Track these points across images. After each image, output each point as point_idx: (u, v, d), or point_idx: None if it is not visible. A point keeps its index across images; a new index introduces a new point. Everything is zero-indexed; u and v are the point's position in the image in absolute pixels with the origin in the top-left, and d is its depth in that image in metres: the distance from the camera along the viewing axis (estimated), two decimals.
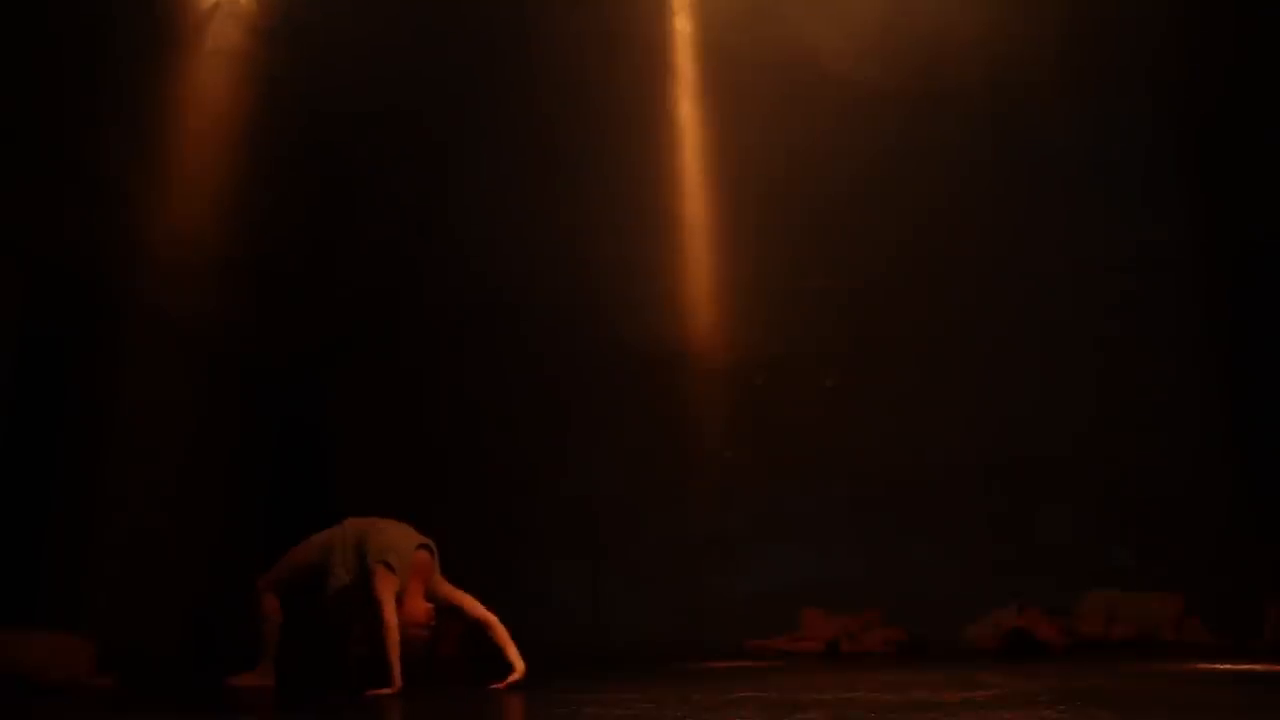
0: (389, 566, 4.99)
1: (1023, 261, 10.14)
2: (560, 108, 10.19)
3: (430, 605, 5.09)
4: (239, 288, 9.08)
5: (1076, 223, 10.21)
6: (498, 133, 10.39)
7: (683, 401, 10.55)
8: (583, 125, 10.16)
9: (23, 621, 6.32)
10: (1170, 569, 9.04)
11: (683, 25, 10.45)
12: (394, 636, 4.83)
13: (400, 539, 5.16)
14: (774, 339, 10.54)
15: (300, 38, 8.96)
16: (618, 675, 5.84)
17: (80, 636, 5.73)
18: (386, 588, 4.95)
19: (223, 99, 8.70)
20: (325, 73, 9.12)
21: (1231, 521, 9.23)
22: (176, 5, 8.66)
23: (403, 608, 4.99)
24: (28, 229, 7.22)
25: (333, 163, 10.33)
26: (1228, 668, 5.70)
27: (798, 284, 10.49)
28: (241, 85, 8.81)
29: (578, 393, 10.68)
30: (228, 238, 8.58)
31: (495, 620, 5.18)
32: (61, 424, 7.76)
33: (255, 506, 9.34)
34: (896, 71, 9.63)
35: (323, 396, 10.67)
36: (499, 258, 10.50)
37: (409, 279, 10.97)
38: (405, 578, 5.04)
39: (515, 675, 5.00)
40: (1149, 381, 9.89)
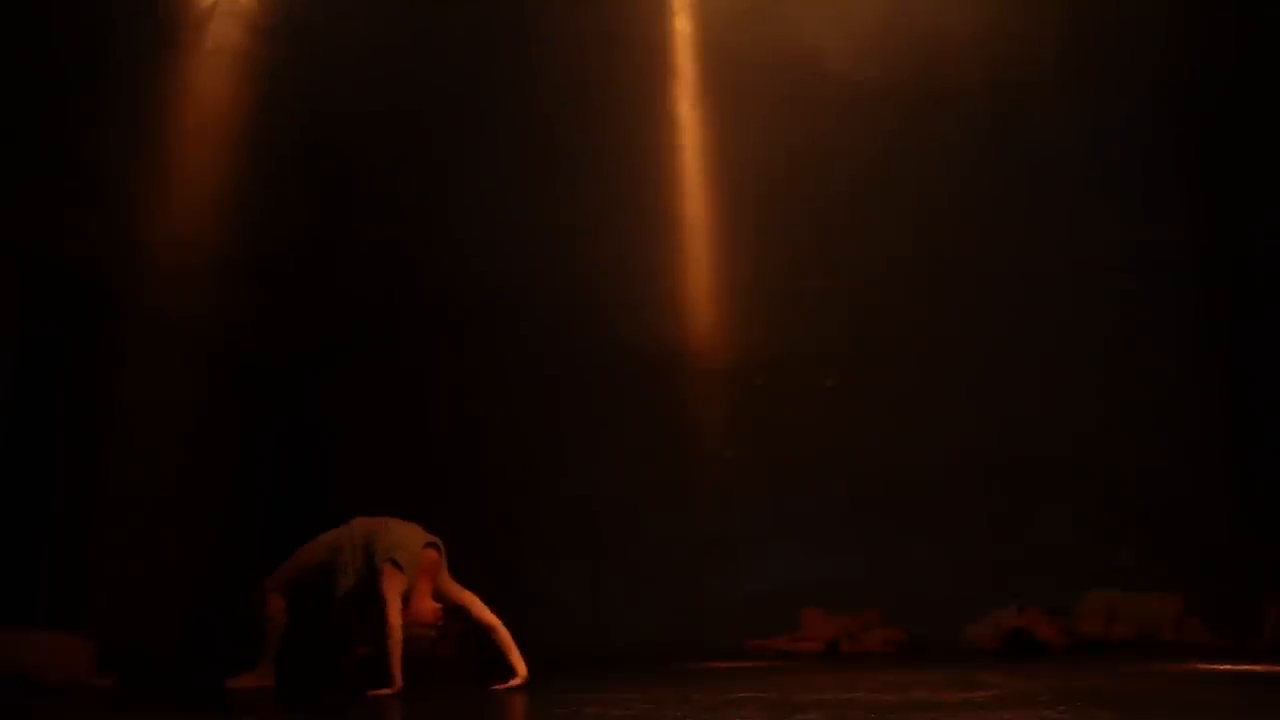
0: (397, 565, 4.99)
1: (1023, 261, 10.14)
2: (560, 108, 10.20)
3: (438, 605, 5.07)
4: (239, 288, 9.08)
5: (1076, 223, 10.21)
6: (497, 133, 10.39)
7: (683, 401, 10.55)
8: (583, 125, 10.16)
9: (23, 621, 6.32)
10: (1170, 569, 9.04)
11: (682, 25, 10.46)
12: (396, 637, 4.82)
13: (408, 537, 5.15)
14: (774, 339, 10.54)
15: (300, 38, 8.96)
16: (618, 675, 5.84)
17: (80, 637, 5.74)
18: (393, 587, 4.94)
19: (222, 99, 8.70)
20: (325, 73, 9.12)
21: (1231, 521, 9.23)
22: (176, 5, 8.65)
23: (410, 607, 4.97)
24: (28, 229, 7.21)
25: (333, 163, 10.33)
26: (1228, 668, 5.70)
27: (798, 284, 10.49)
28: (241, 85, 8.81)
29: (578, 393, 10.68)
30: (227, 238, 8.58)
31: (499, 624, 5.17)
32: (61, 424, 7.76)
33: (255, 506, 9.35)
34: (896, 71, 9.64)
35: (323, 396, 10.67)
36: (499, 258, 10.50)
37: (409, 279, 10.97)
38: (413, 576, 5.03)
39: (516, 680, 5.00)
40: (1149, 382, 9.89)
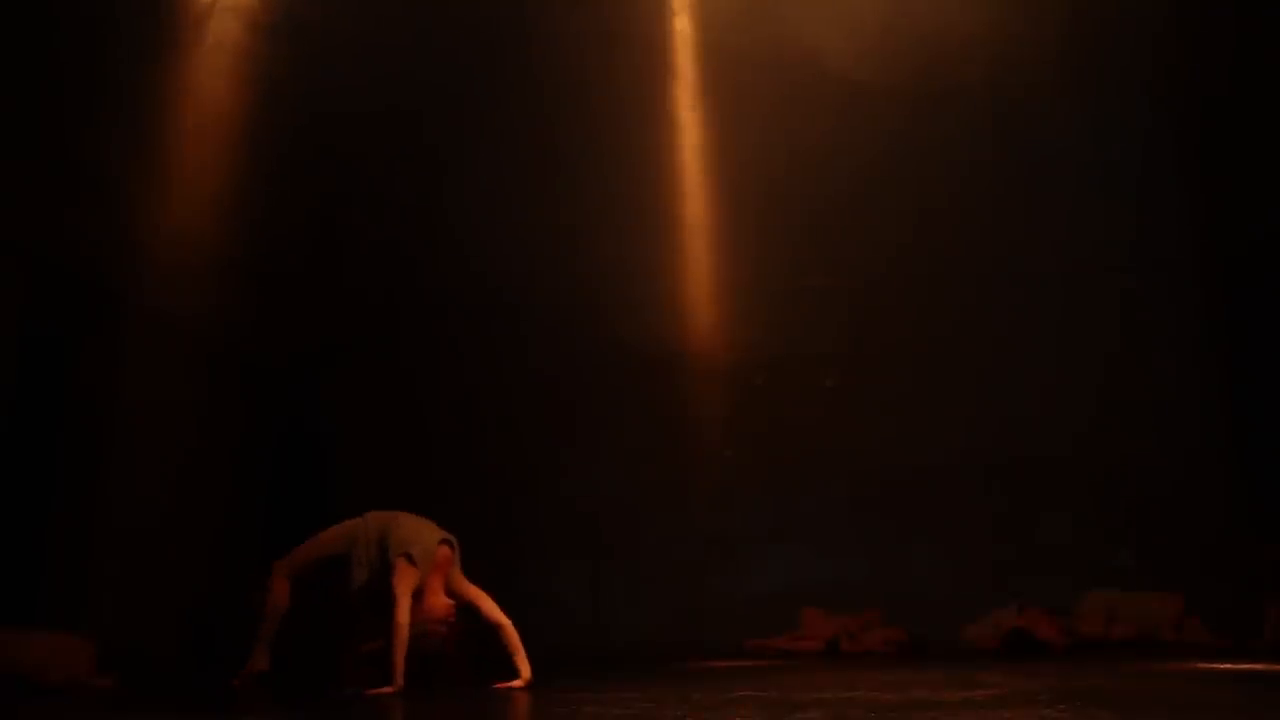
0: (410, 559, 4.98)
1: (1023, 261, 10.15)
2: (560, 108, 10.20)
3: (450, 601, 5.07)
4: (239, 288, 9.09)
5: (1076, 222, 10.20)
6: (497, 133, 10.39)
7: (683, 402, 10.55)
8: (583, 125, 10.15)
9: (23, 621, 6.32)
10: (1170, 569, 9.04)
11: (683, 25, 10.45)
12: (402, 636, 4.81)
13: (422, 532, 5.16)
14: (774, 339, 10.54)
15: (300, 38, 8.95)
16: (618, 675, 5.84)
17: (80, 636, 5.74)
18: (405, 583, 4.94)
19: (223, 99, 8.69)
20: (325, 73, 9.12)
21: (1231, 521, 9.23)
22: (176, 5, 8.65)
23: (423, 603, 4.97)
24: (28, 229, 7.21)
25: (333, 163, 10.33)
26: (1228, 667, 5.70)
27: (798, 284, 10.49)
28: (241, 85, 8.80)
29: (578, 393, 10.68)
30: (227, 238, 8.58)
31: (509, 624, 5.17)
32: (61, 424, 7.76)
33: (255, 506, 9.35)
34: (896, 71, 9.63)
35: (323, 396, 10.67)
36: (499, 258, 10.49)
37: (409, 279, 10.97)
38: (426, 572, 5.03)
39: (520, 682, 5.00)
40: (1149, 381, 9.89)
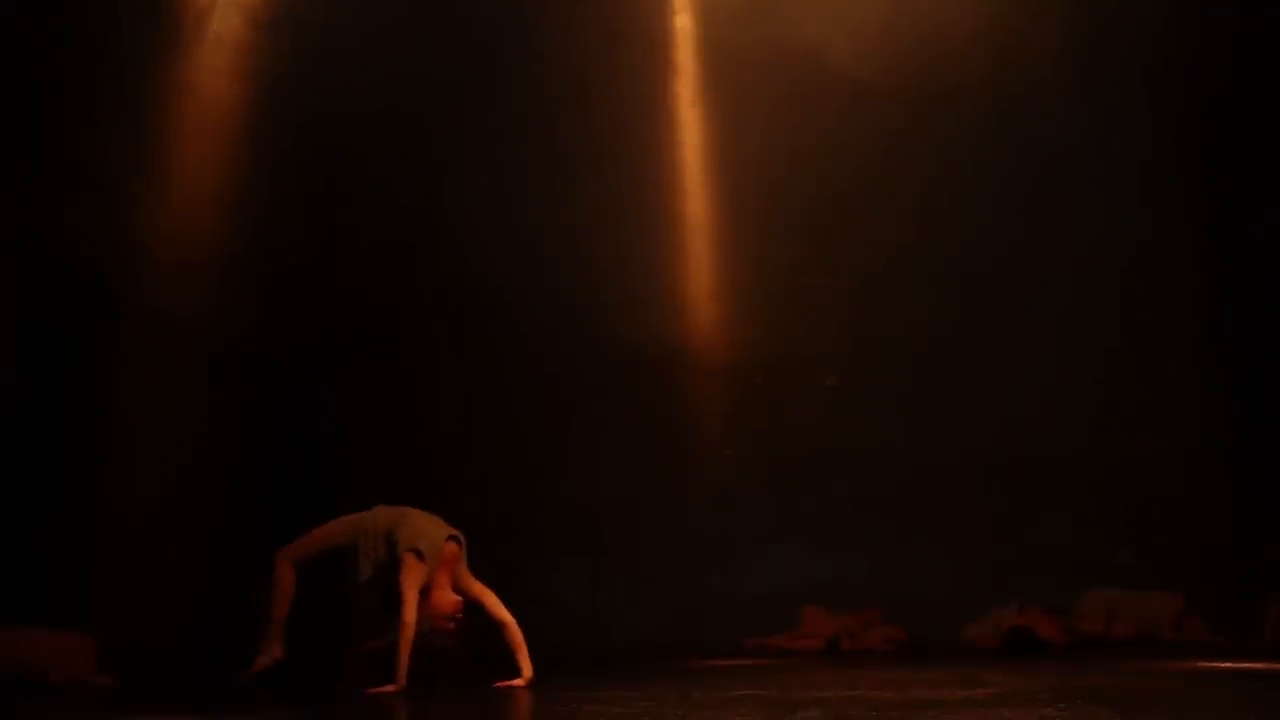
0: (419, 554, 4.96)
1: (1023, 261, 10.14)
2: (560, 106, 10.18)
3: (458, 598, 5.06)
4: (239, 287, 9.08)
5: (1076, 222, 10.20)
6: (497, 131, 10.37)
7: (683, 401, 10.56)
8: (583, 124, 10.14)
9: (23, 620, 6.31)
10: (1170, 568, 9.05)
11: (684, 23, 10.43)
12: (408, 635, 4.78)
13: (430, 528, 5.14)
14: (774, 339, 10.54)
15: (300, 37, 8.95)
16: (618, 674, 5.84)
17: (81, 635, 5.73)
18: (413, 579, 4.91)
19: (223, 98, 8.69)
20: (325, 72, 9.11)
21: (1231, 521, 9.23)
22: (177, 4, 8.65)
23: (430, 599, 4.95)
24: (28, 229, 7.21)
25: (333, 162, 10.33)
26: (1228, 666, 5.70)
27: (798, 283, 10.49)
28: (241, 84, 8.80)
29: (578, 392, 10.68)
30: (228, 237, 8.58)
31: (513, 622, 5.17)
32: (62, 423, 7.76)
33: (255, 506, 9.34)
34: (897, 70, 9.62)
35: (323, 396, 10.67)
36: (499, 256, 10.49)
37: (409, 278, 10.96)
38: (433, 568, 5.02)
39: (521, 681, 5.00)
40: (1149, 382, 9.89)
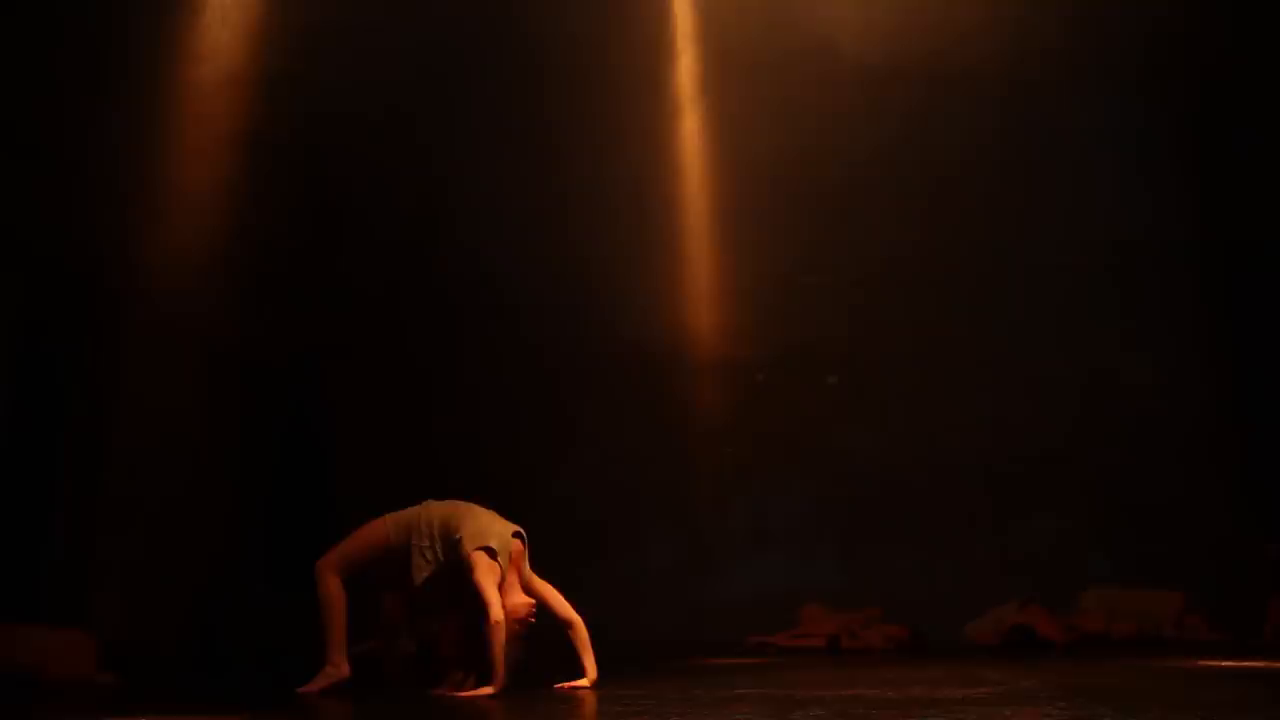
0: (491, 553, 4.51)
1: (1023, 261, 10.15)
2: (561, 98, 10.13)
3: (531, 600, 4.60)
4: (239, 287, 9.08)
5: (1076, 222, 10.21)
6: (498, 126, 10.34)
7: (683, 399, 10.55)
8: (583, 116, 10.09)
9: (25, 617, 6.32)
10: (1171, 566, 9.05)
11: (684, 10, 10.30)
12: (500, 635, 4.33)
13: (494, 524, 4.69)
14: (775, 335, 10.53)
15: (301, 37, 8.95)
16: (618, 672, 5.83)
17: (82, 633, 5.74)
18: (489, 577, 4.44)
19: (223, 98, 8.69)
20: (325, 71, 9.11)
21: (1232, 519, 9.24)
22: (177, 4, 8.65)
23: (504, 602, 4.47)
24: (28, 229, 7.22)
25: (333, 161, 10.32)
26: (1228, 664, 5.70)
27: (800, 279, 10.47)
28: (241, 84, 8.80)
29: (577, 391, 10.66)
30: (227, 237, 8.58)
31: (579, 621, 4.81)
32: (62, 423, 7.77)
33: (256, 505, 9.34)
34: (903, 58, 9.52)
35: (323, 394, 10.66)
36: (499, 257, 10.48)
37: (409, 278, 10.95)
38: (505, 566, 4.56)
39: (585, 681, 4.70)
40: (1148, 381, 9.89)
